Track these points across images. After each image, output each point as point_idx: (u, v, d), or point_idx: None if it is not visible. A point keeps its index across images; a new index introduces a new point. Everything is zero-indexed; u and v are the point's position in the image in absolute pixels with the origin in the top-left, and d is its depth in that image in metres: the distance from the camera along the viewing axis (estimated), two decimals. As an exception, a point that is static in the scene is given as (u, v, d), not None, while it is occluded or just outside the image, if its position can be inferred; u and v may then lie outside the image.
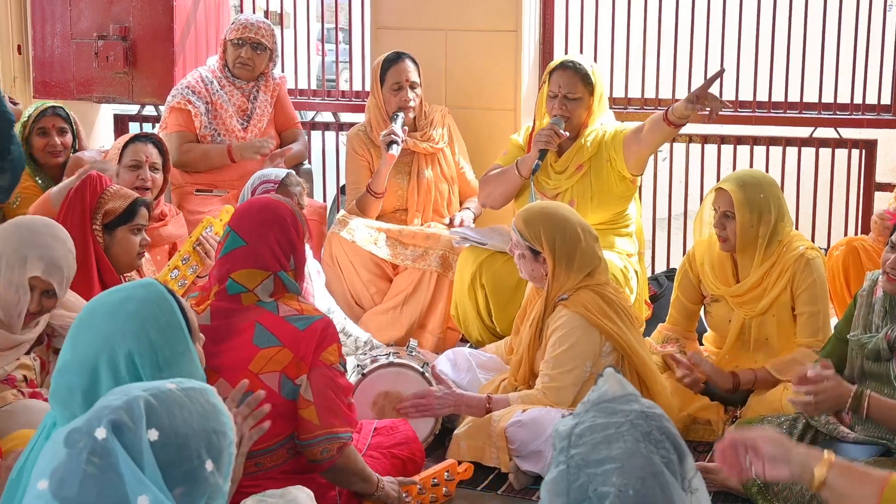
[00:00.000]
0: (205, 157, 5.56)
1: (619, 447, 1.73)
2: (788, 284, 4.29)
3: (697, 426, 4.31)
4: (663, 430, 1.77)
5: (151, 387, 1.89)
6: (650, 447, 1.74)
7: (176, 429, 1.84)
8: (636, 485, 1.69)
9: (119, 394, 1.87)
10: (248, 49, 5.61)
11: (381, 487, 3.40)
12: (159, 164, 4.83)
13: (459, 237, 5.05)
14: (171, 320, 2.39)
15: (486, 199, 5.16)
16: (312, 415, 3.20)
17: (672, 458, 1.75)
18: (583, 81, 4.86)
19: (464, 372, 4.41)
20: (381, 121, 5.36)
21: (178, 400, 1.88)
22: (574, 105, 4.87)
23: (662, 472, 1.72)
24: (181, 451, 1.84)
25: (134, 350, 2.31)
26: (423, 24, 5.87)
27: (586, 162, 4.92)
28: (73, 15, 6.22)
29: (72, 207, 4.16)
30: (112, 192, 4.21)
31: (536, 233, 4.05)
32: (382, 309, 5.19)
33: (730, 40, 5.80)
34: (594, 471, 1.72)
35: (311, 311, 3.31)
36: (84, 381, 2.29)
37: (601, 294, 4.02)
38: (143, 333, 2.33)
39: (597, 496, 1.70)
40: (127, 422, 1.81)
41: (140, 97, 6.23)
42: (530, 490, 3.90)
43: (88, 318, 2.38)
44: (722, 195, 4.32)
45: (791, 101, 5.82)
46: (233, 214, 3.44)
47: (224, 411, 1.94)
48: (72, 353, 2.34)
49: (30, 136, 5.25)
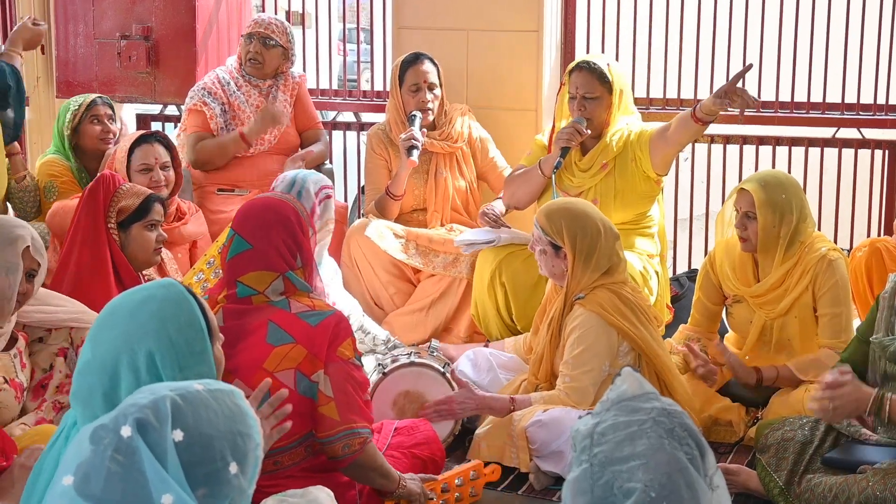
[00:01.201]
0: (220, 149, 5.56)
1: (644, 444, 1.73)
2: (810, 285, 4.27)
3: (719, 427, 4.30)
4: (685, 427, 1.77)
5: (179, 387, 1.90)
6: (674, 443, 1.74)
7: (201, 430, 1.85)
8: (662, 480, 1.69)
9: (147, 392, 1.88)
10: (257, 43, 5.62)
11: (403, 485, 3.39)
12: (169, 162, 4.83)
13: (465, 245, 5.05)
14: (191, 320, 2.39)
15: (510, 199, 5.15)
16: (332, 411, 3.18)
17: (695, 454, 1.75)
18: (599, 80, 4.86)
19: (484, 372, 4.41)
20: (400, 122, 5.36)
21: (204, 401, 1.88)
22: (593, 105, 4.87)
23: (687, 467, 1.72)
24: (205, 453, 1.84)
25: (154, 350, 2.31)
26: (444, 25, 5.87)
27: (611, 161, 4.92)
28: (96, 15, 6.25)
29: (86, 207, 4.17)
30: (125, 189, 4.21)
31: (558, 227, 4.05)
32: (408, 310, 5.19)
33: (752, 40, 5.78)
34: (619, 468, 1.72)
35: (322, 307, 3.30)
36: (105, 382, 2.30)
37: (618, 293, 4.01)
38: (164, 333, 2.34)
39: (622, 493, 1.70)
40: (152, 421, 1.81)
41: (162, 97, 6.25)
42: (550, 490, 3.90)
43: (110, 318, 2.39)
44: (744, 195, 4.31)
45: (814, 102, 5.79)
46: (235, 216, 3.42)
47: (250, 414, 1.94)
48: (92, 353, 2.35)
49: (80, 125, 5.32)
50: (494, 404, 4.04)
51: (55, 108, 6.43)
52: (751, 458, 4.04)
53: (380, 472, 3.32)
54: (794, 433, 3.71)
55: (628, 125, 4.95)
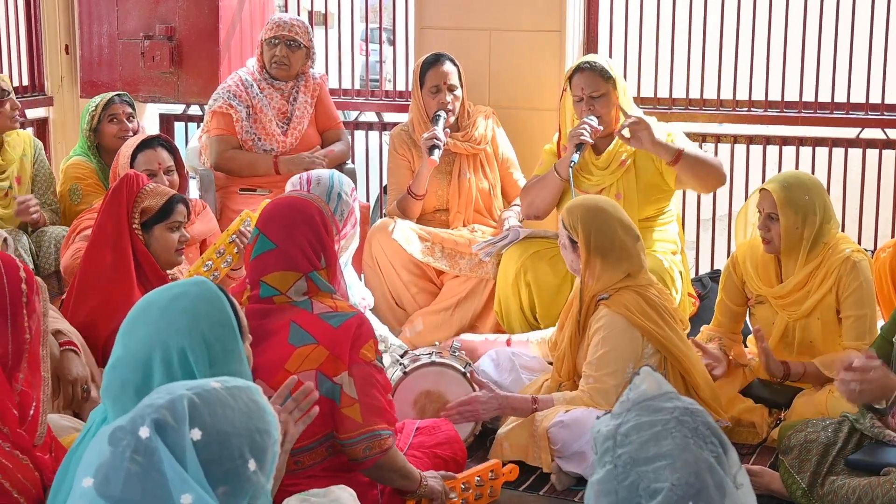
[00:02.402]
0: (250, 167, 5.58)
1: (669, 444, 1.72)
2: (833, 287, 4.25)
3: (741, 428, 4.28)
4: (708, 426, 1.77)
5: (196, 385, 1.90)
6: (699, 442, 1.73)
7: (219, 427, 1.85)
8: (690, 479, 1.69)
9: (163, 392, 1.88)
10: (282, 47, 5.61)
11: (425, 484, 3.38)
12: (173, 166, 4.81)
13: (484, 253, 5.05)
14: (222, 318, 2.40)
15: (529, 208, 5.14)
16: (356, 412, 3.17)
17: (719, 451, 1.75)
18: (602, 77, 4.87)
19: (507, 372, 4.40)
20: (423, 122, 5.36)
21: (221, 399, 1.88)
22: (601, 102, 4.88)
23: (714, 466, 1.72)
24: (224, 450, 1.85)
25: (187, 346, 2.32)
26: (466, 25, 5.87)
27: (630, 156, 4.92)
28: (120, 15, 6.28)
29: (109, 207, 4.17)
30: (148, 190, 4.20)
31: (574, 222, 4.05)
32: (434, 309, 5.19)
33: (776, 40, 5.75)
34: (645, 468, 1.71)
35: (345, 308, 3.29)
36: (137, 377, 2.31)
37: (643, 295, 4.00)
38: (197, 330, 2.35)
39: (648, 493, 1.69)
40: (170, 421, 1.82)
41: (185, 97, 6.28)
42: (572, 491, 3.89)
43: (142, 314, 2.40)
44: (766, 196, 4.29)
45: (838, 102, 5.76)
46: (260, 216, 3.41)
47: (268, 410, 1.94)
48: (124, 348, 2.36)
49: (99, 125, 5.35)
50: (517, 404, 4.03)
51: (79, 108, 6.47)
52: (773, 460, 4.03)
53: (401, 472, 3.32)
54: (818, 435, 3.69)
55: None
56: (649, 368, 1.89)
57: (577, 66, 4.94)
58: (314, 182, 4.37)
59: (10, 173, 5.23)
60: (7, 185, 5.21)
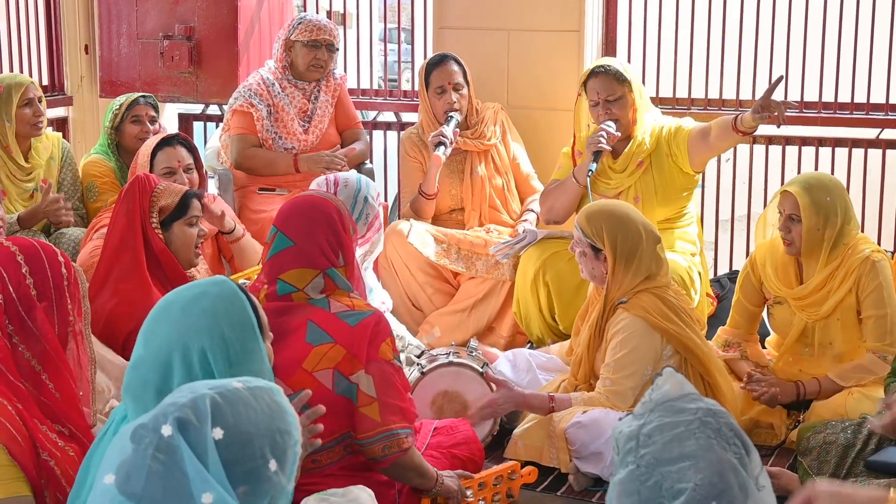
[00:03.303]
0: (270, 165, 5.58)
1: (692, 444, 1.72)
2: (853, 288, 4.24)
3: (760, 430, 4.27)
4: (731, 427, 1.77)
5: (218, 385, 1.91)
6: (722, 443, 1.73)
7: (241, 427, 1.85)
8: (714, 480, 1.69)
9: (186, 391, 1.89)
10: (324, 51, 5.62)
11: (441, 483, 3.38)
12: (192, 164, 4.82)
13: (502, 255, 5.05)
14: (243, 317, 2.41)
15: (549, 213, 5.12)
16: (374, 411, 3.17)
17: (742, 453, 1.75)
18: (617, 80, 4.85)
19: (524, 372, 4.40)
20: (431, 123, 5.37)
21: (244, 398, 1.89)
22: (618, 106, 4.86)
23: (737, 467, 1.72)
24: (245, 450, 1.85)
25: (207, 346, 2.33)
26: (485, 25, 5.87)
27: (646, 158, 4.91)
28: (140, 15, 6.31)
29: (122, 209, 4.16)
30: (162, 188, 4.21)
31: (598, 229, 4.03)
32: (450, 310, 5.19)
33: (795, 40, 5.74)
34: (668, 469, 1.71)
35: (362, 307, 3.29)
36: (157, 377, 2.32)
37: (662, 297, 3.99)
38: (217, 329, 2.35)
39: (671, 494, 1.69)
40: (192, 420, 1.82)
41: (205, 97, 6.29)
42: (590, 492, 3.89)
43: (163, 314, 2.41)
44: (788, 198, 4.27)
45: (858, 102, 5.73)
46: (278, 214, 3.41)
47: (290, 411, 1.95)
48: (146, 347, 2.37)
49: (121, 125, 5.38)
50: (534, 401, 4.03)
51: (98, 108, 6.51)
52: (792, 462, 4.02)
53: (418, 471, 3.32)
54: (837, 436, 3.68)
55: (656, 120, 4.95)
56: (672, 369, 1.88)
57: (592, 71, 4.93)
58: (341, 184, 4.36)
59: (35, 175, 5.26)
60: (33, 188, 5.24)
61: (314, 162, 5.49)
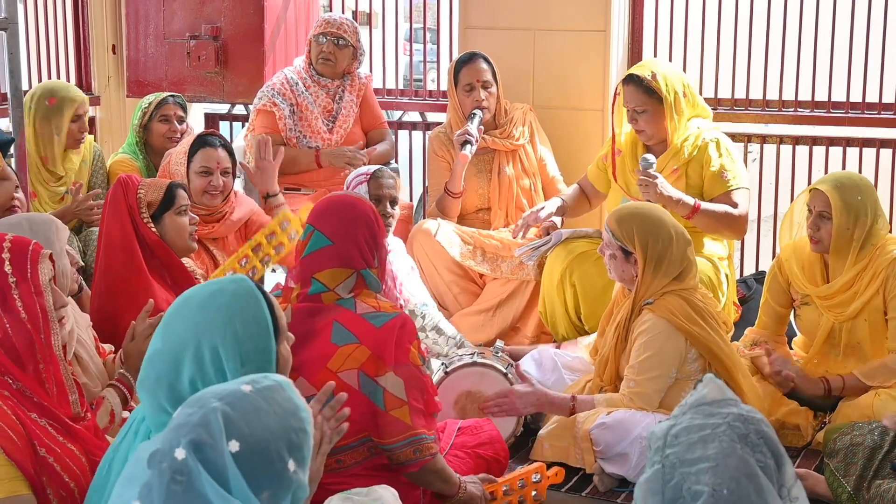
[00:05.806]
0: (292, 162, 5.58)
1: (715, 447, 1.72)
2: (881, 288, 4.21)
3: (786, 431, 4.25)
4: (761, 435, 1.75)
5: (227, 393, 1.91)
6: (746, 449, 1.72)
7: (256, 435, 1.86)
8: (730, 485, 1.68)
9: (195, 407, 1.89)
10: (329, 44, 5.65)
11: (464, 488, 3.36)
12: (230, 167, 4.83)
13: (527, 257, 5.04)
14: (257, 316, 2.40)
15: None
16: (405, 415, 3.16)
17: (769, 462, 1.73)
18: (646, 93, 4.78)
19: (549, 372, 4.39)
20: (459, 121, 5.38)
21: (254, 404, 1.89)
22: (645, 118, 4.81)
23: (758, 474, 1.70)
24: (264, 457, 1.86)
25: (219, 343, 2.33)
26: (510, 24, 5.87)
27: (682, 166, 4.85)
28: (166, 15, 6.34)
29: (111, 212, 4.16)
30: (146, 185, 4.23)
31: (629, 232, 4.01)
32: (475, 310, 5.19)
33: (823, 39, 5.70)
34: (688, 470, 1.71)
35: (388, 309, 3.28)
36: (170, 372, 2.33)
37: (688, 299, 3.96)
38: (230, 327, 2.35)
39: (690, 495, 1.69)
40: (206, 439, 1.83)
41: (231, 96, 6.32)
42: (615, 492, 3.88)
43: (182, 309, 2.42)
44: (818, 196, 4.25)
45: (885, 102, 5.69)
46: (311, 213, 3.39)
47: (301, 405, 1.95)
48: (162, 342, 2.38)
49: (149, 123, 5.42)
50: (555, 401, 4.02)
51: (125, 107, 6.54)
52: (818, 463, 3.99)
53: (442, 476, 3.31)
54: (864, 438, 3.66)
55: (699, 129, 4.86)
56: (712, 375, 1.88)
57: (628, 76, 4.87)
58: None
59: (66, 179, 5.32)
60: (63, 191, 5.28)
61: (336, 157, 5.51)
